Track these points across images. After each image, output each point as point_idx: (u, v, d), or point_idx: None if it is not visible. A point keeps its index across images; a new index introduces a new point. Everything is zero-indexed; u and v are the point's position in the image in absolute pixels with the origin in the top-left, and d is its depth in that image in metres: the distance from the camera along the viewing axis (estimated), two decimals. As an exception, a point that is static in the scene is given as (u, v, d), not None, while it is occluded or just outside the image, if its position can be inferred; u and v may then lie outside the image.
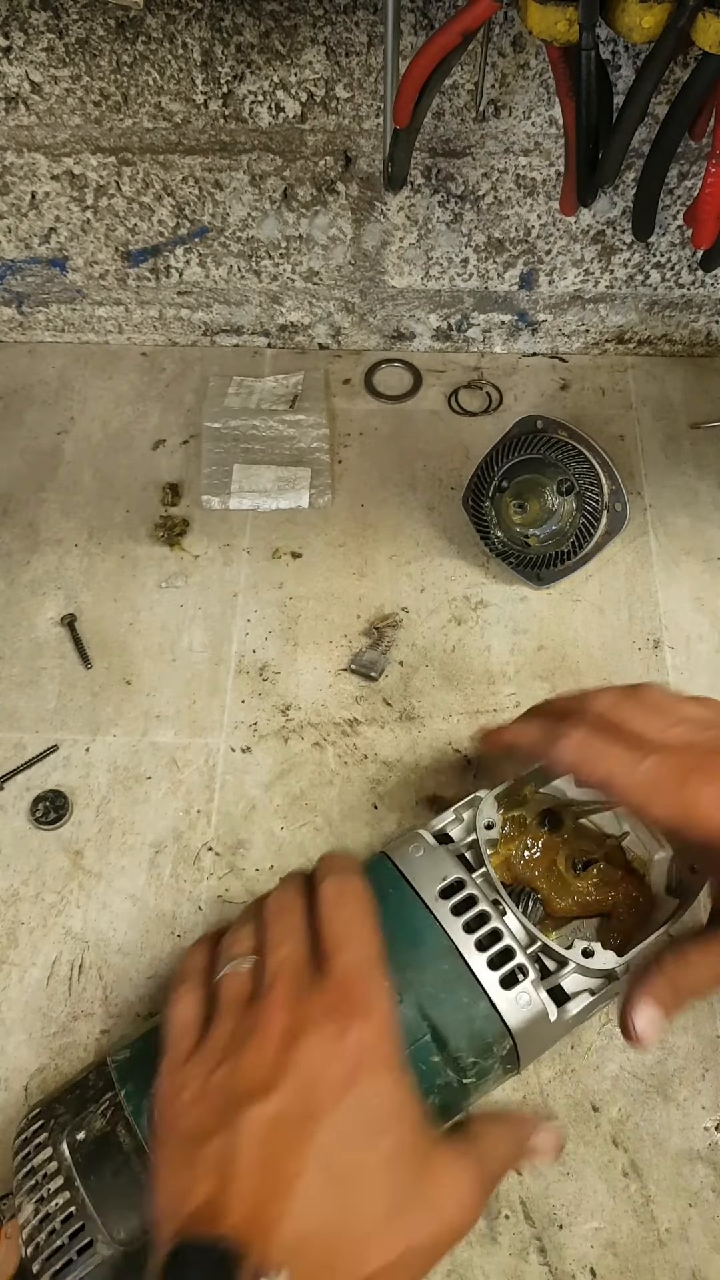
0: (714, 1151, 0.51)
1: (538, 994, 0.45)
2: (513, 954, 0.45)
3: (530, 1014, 0.45)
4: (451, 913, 0.46)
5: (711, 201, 0.52)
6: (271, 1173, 0.35)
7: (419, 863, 0.48)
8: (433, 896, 0.46)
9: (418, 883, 0.47)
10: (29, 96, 0.66)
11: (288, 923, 0.43)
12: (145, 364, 0.83)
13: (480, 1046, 0.44)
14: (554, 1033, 0.46)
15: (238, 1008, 0.41)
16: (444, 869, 0.47)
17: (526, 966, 0.45)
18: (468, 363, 0.82)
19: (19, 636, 0.68)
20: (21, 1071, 0.53)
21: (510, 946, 0.45)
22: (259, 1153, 0.35)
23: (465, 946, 0.45)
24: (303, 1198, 0.34)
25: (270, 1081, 0.37)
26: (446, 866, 0.48)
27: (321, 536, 0.73)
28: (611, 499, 0.66)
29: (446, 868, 0.48)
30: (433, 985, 0.44)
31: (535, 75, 0.63)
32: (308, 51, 0.62)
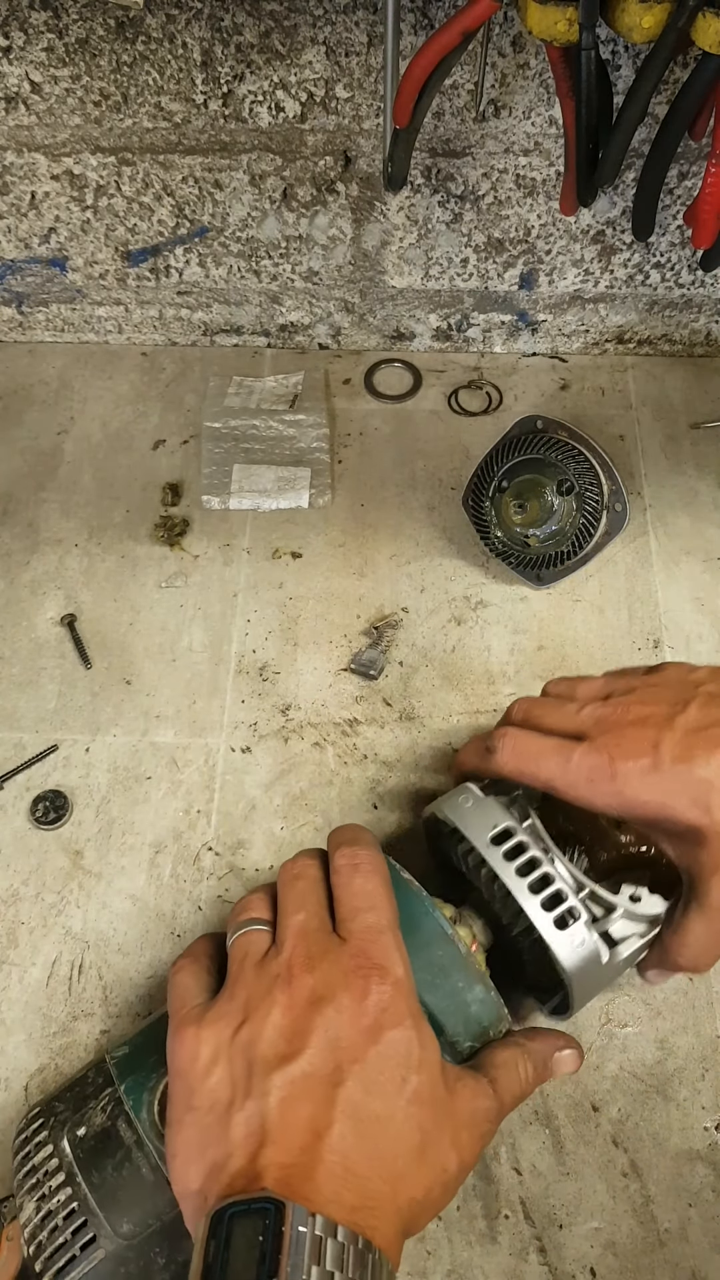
0: (714, 1151, 0.51)
1: (590, 935, 0.45)
2: (564, 897, 0.46)
3: (584, 954, 0.45)
4: (504, 858, 0.46)
5: (711, 201, 0.52)
6: (304, 1132, 0.36)
7: (469, 812, 0.49)
8: (484, 844, 0.47)
9: (469, 831, 0.48)
10: (29, 96, 0.66)
11: (303, 889, 0.44)
12: (145, 364, 0.83)
13: None
14: (605, 975, 0.47)
15: (254, 968, 0.41)
16: (494, 817, 0.48)
17: (579, 909, 0.45)
18: (468, 363, 0.82)
19: (19, 636, 0.68)
20: (21, 1071, 0.53)
21: (562, 890, 0.46)
22: (290, 1115, 0.36)
23: (519, 890, 0.46)
24: (335, 1150, 0.36)
25: (296, 1045, 0.38)
26: (496, 815, 0.48)
27: (321, 536, 0.73)
28: (611, 499, 0.66)
29: (496, 816, 0.48)
30: None
31: (535, 75, 0.63)
32: (308, 51, 0.62)
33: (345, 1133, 0.36)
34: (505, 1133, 0.51)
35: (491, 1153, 0.51)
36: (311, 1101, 0.37)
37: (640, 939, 0.47)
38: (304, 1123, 0.36)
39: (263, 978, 0.41)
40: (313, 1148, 0.36)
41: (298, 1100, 0.37)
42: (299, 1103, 0.37)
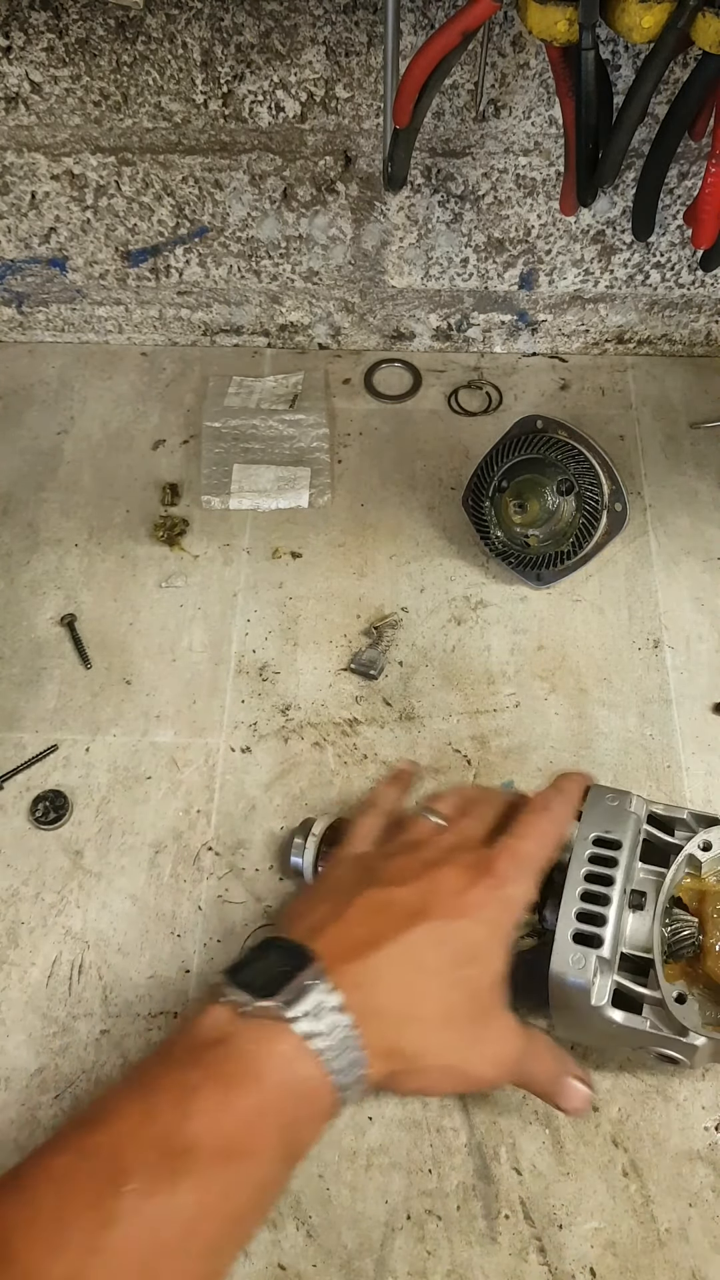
0: (714, 1151, 0.51)
1: (593, 969, 0.45)
2: (602, 922, 0.46)
3: (575, 978, 0.45)
4: (589, 859, 0.47)
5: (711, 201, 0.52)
6: (364, 932, 0.42)
7: (603, 808, 0.49)
8: (585, 836, 0.48)
9: (585, 819, 0.49)
10: (29, 96, 0.66)
11: (483, 812, 0.50)
12: (145, 364, 0.83)
13: None
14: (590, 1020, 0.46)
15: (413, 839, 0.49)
16: (616, 827, 0.48)
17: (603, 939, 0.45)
18: (468, 363, 0.82)
19: (19, 636, 0.68)
20: (21, 1071, 0.53)
21: (604, 915, 0.46)
22: (362, 917, 0.43)
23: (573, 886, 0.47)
24: (375, 960, 0.41)
25: (401, 879, 0.45)
26: (620, 827, 0.48)
27: (321, 536, 0.73)
28: (611, 499, 0.66)
29: (619, 828, 0.48)
30: None
31: (535, 75, 0.63)
32: (308, 51, 0.62)
33: (392, 956, 0.41)
34: (505, 1132, 0.51)
35: (491, 1152, 0.51)
36: (387, 918, 0.43)
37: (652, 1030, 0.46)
38: (368, 928, 0.42)
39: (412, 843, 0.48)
40: (361, 947, 0.41)
41: (379, 911, 0.43)
42: (378, 913, 0.43)
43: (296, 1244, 0.49)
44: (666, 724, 0.64)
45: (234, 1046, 0.38)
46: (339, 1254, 0.49)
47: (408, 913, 0.43)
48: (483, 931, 0.43)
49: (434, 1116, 0.52)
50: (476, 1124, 0.52)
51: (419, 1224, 0.49)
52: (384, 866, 0.46)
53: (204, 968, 0.56)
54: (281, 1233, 0.49)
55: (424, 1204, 0.50)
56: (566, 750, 0.63)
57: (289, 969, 0.40)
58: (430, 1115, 0.52)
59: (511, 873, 0.45)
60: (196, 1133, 0.36)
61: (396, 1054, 0.41)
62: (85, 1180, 0.35)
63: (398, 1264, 0.48)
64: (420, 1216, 0.49)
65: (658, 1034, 0.46)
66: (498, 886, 0.44)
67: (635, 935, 0.48)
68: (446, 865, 0.45)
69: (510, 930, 0.44)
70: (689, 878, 0.50)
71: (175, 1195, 0.35)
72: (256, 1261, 0.48)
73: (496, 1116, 0.52)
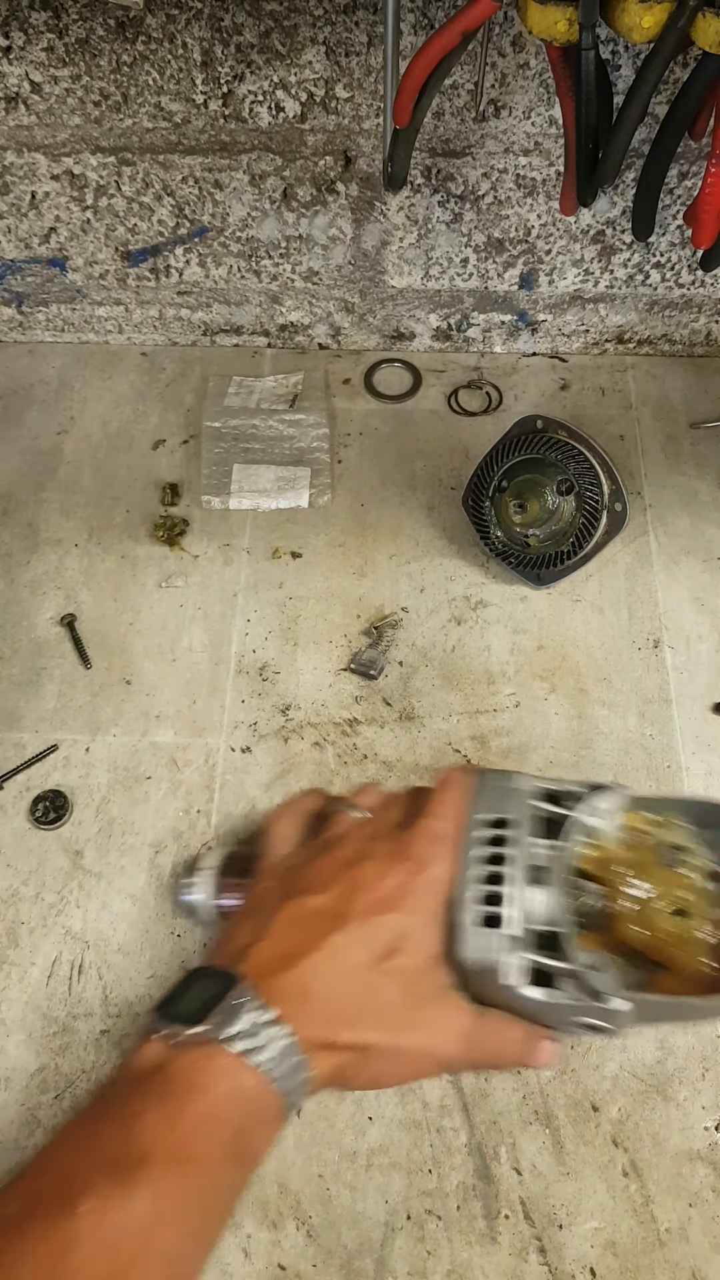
0: (714, 1151, 0.51)
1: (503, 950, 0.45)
2: (502, 901, 0.45)
3: (482, 958, 0.45)
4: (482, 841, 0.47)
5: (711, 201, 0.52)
6: (289, 944, 0.43)
7: (492, 790, 0.49)
8: (476, 820, 0.48)
9: (475, 804, 0.49)
10: (29, 96, 0.66)
11: (407, 801, 0.51)
12: (145, 364, 0.83)
13: None
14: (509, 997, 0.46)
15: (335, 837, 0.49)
16: (507, 807, 0.48)
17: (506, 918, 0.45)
18: (468, 363, 0.82)
19: (19, 636, 0.68)
20: (22, 1071, 0.53)
21: (504, 894, 0.46)
22: (285, 930, 0.44)
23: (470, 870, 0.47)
24: (304, 969, 0.42)
25: (320, 886, 0.45)
26: (509, 807, 0.48)
27: (321, 536, 0.73)
28: (611, 499, 0.66)
29: (508, 808, 0.48)
30: None
31: (535, 75, 0.63)
32: (308, 51, 0.62)
33: (319, 961, 0.42)
34: (505, 1132, 0.51)
35: (491, 1152, 0.51)
36: (309, 928, 0.44)
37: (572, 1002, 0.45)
38: (292, 940, 0.43)
39: (332, 839, 0.49)
40: (288, 958, 0.42)
41: (300, 923, 0.44)
42: (299, 925, 0.44)
43: (296, 1244, 0.49)
44: (666, 724, 0.64)
45: (172, 1070, 0.39)
46: (339, 1254, 0.49)
47: (329, 918, 0.44)
48: (408, 920, 0.44)
49: (434, 1116, 0.52)
50: (476, 1124, 0.52)
51: (419, 1224, 0.49)
52: (303, 873, 0.47)
53: (204, 968, 0.56)
54: (281, 1233, 0.49)
55: (424, 1204, 0.50)
56: (566, 750, 0.63)
57: (216, 994, 0.41)
58: (430, 1115, 0.52)
59: (429, 853, 0.46)
60: (145, 1146, 0.37)
61: (339, 1051, 0.42)
62: (38, 1217, 0.35)
63: (398, 1264, 0.48)
64: (420, 1216, 0.49)
65: (578, 1005, 0.46)
66: (417, 871, 0.45)
67: (541, 911, 0.48)
68: (365, 860, 0.46)
69: (439, 910, 0.45)
70: (589, 846, 0.50)
71: (131, 1205, 0.35)
72: (256, 1262, 0.48)
73: (496, 1116, 0.52)
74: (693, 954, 0.48)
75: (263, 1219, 0.50)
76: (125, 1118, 0.38)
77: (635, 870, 0.49)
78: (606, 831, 0.50)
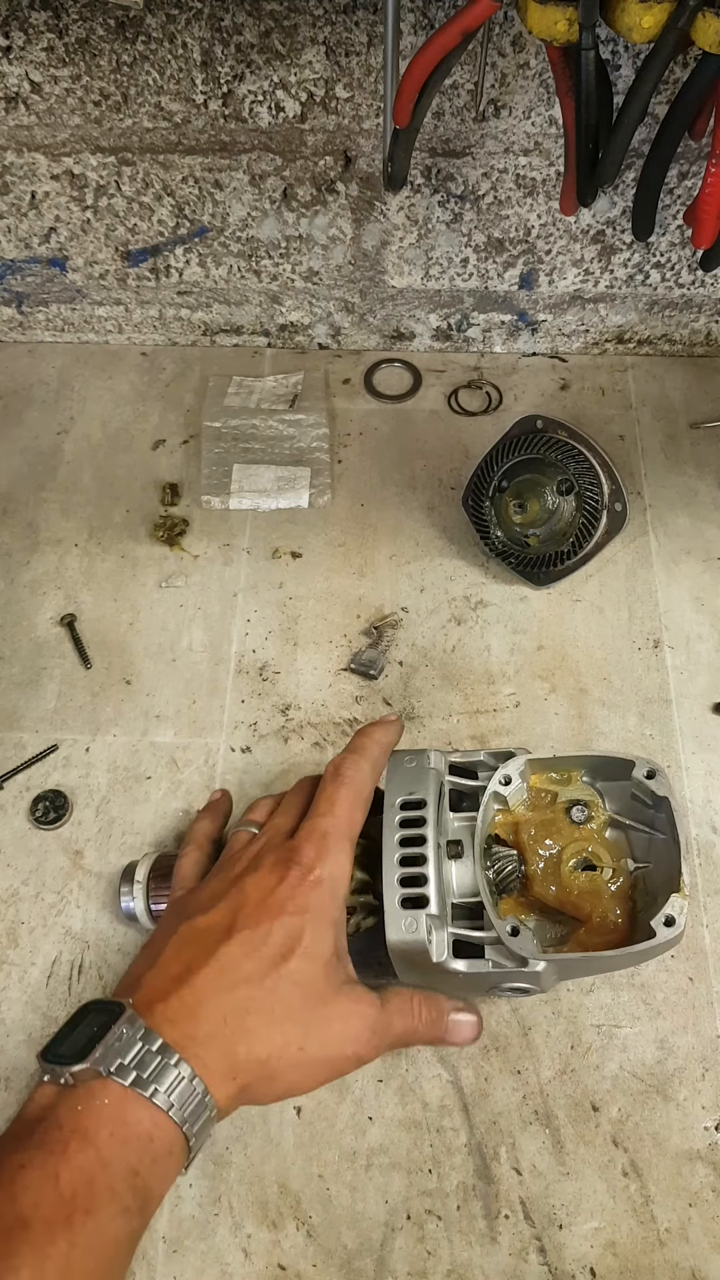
0: (714, 1151, 0.51)
1: (427, 928, 0.46)
2: (423, 882, 0.47)
3: (410, 939, 0.46)
4: (399, 824, 0.48)
5: (711, 201, 0.52)
6: (180, 966, 0.43)
7: (403, 771, 0.50)
8: (392, 803, 0.49)
9: (389, 787, 0.50)
10: (29, 96, 0.66)
11: (291, 804, 0.50)
12: (145, 364, 0.83)
13: None
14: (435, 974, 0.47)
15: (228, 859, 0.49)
16: (418, 786, 0.49)
17: (428, 898, 0.46)
18: (468, 363, 0.82)
19: (19, 636, 0.68)
20: (22, 1071, 0.53)
21: (424, 875, 0.47)
22: (178, 952, 0.44)
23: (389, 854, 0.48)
24: (195, 987, 0.42)
25: (209, 904, 0.45)
26: (421, 786, 0.49)
27: (321, 536, 0.73)
28: (611, 499, 0.66)
29: (420, 787, 0.49)
30: None
31: (535, 75, 0.63)
32: (308, 51, 0.62)
33: (210, 976, 0.42)
34: (505, 1132, 0.51)
35: (491, 1152, 0.51)
36: (198, 946, 0.43)
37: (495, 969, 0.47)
38: (183, 960, 0.43)
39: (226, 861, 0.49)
40: (179, 979, 0.42)
41: (189, 942, 0.44)
42: (189, 944, 0.44)
43: (296, 1244, 0.49)
44: (666, 724, 0.64)
45: (56, 1117, 0.38)
46: (339, 1254, 0.49)
47: (217, 934, 0.44)
48: (297, 922, 0.44)
49: (434, 1116, 0.52)
50: (476, 1124, 0.52)
51: (419, 1224, 0.49)
52: (195, 898, 0.47)
53: (204, 968, 0.56)
54: (281, 1233, 0.49)
55: (424, 1204, 0.50)
56: (566, 750, 0.63)
57: (100, 1028, 0.39)
58: (430, 1115, 0.52)
59: (314, 854, 0.45)
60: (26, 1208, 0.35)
61: (240, 1069, 0.41)
62: None
63: (398, 1264, 0.48)
64: (420, 1216, 0.49)
65: (502, 971, 0.48)
66: (305, 873, 0.45)
67: (462, 883, 0.50)
68: (252, 872, 0.46)
69: (331, 907, 0.45)
70: (500, 814, 0.52)
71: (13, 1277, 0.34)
72: (256, 1262, 0.48)
73: (496, 1116, 0.52)
74: (603, 905, 0.50)
75: (263, 1219, 0.50)
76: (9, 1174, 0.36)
77: (544, 830, 0.52)
78: (516, 796, 0.52)
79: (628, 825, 0.52)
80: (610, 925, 0.50)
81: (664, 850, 0.50)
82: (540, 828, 0.52)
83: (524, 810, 0.53)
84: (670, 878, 0.48)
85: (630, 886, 0.51)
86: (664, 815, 0.50)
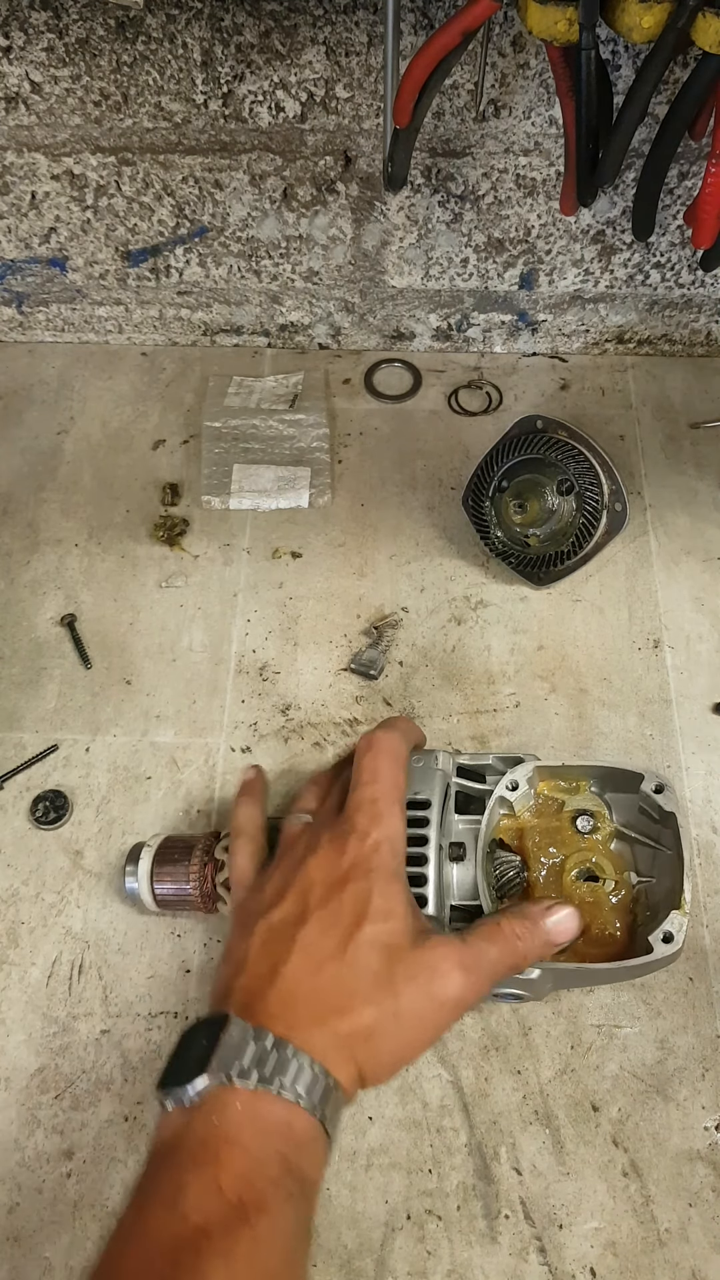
0: (714, 1151, 0.51)
1: None
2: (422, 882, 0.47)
3: None
4: None
5: (711, 201, 0.52)
6: (266, 964, 0.43)
7: (412, 771, 0.50)
8: None
9: None
10: (29, 96, 0.66)
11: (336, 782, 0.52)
12: (145, 364, 0.83)
13: None
14: None
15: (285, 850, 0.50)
16: (423, 787, 0.49)
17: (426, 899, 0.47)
18: (468, 363, 0.82)
19: (19, 636, 0.68)
20: (22, 1071, 0.53)
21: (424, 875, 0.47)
22: (261, 951, 0.44)
23: None
24: (286, 979, 0.42)
25: (277, 898, 0.46)
26: (427, 787, 0.49)
27: (321, 536, 0.73)
28: (611, 499, 0.66)
29: (426, 788, 0.49)
30: None
31: (535, 75, 0.63)
32: (308, 51, 0.62)
33: (297, 966, 0.43)
34: (505, 1132, 0.51)
35: (491, 1152, 0.51)
36: (278, 940, 0.44)
37: None
38: (269, 957, 0.43)
39: (283, 853, 0.49)
40: (269, 976, 0.43)
41: (269, 940, 0.44)
42: (269, 942, 0.44)
43: (296, 1244, 0.49)
44: (666, 724, 0.64)
45: (194, 1134, 0.38)
46: (339, 1254, 0.49)
47: (293, 922, 0.44)
48: (364, 886, 0.44)
49: (434, 1116, 0.52)
50: (476, 1124, 0.52)
51: (419, 1224, 0.49)
52: (262, 896, 0.47)
53: (204, 968, 0.56)
54: (281, 1233, 0.49)
55: (424, 1204, 0.50)
56: (567, 750, 0.63)
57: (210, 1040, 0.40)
58: (430, 1115, 0.52)
59: (367, 820, 0.46)
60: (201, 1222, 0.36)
61: (349, 1044, 0.41)
62: None
63: (398, 1264, 0.48)
64: (420, 1216, 0.49)
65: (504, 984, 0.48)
66: (362, 839, 0.45)
67: (462, 886, 0.50)
68: (312, 854, 0.46)
69: (393, 865, 0.45)
70: (506, 818, 0.52)
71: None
72: (256, 1261, 0.48)
73: (496, 1116, 0.52)
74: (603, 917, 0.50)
75: (263, 1219, 0.49)
76: (169, 1197, 0.37)
77: (549, 838, 0.52)
78: (522, 802, 0.52)
79: (633, 838, 0.52)
80: (609, 937, 0.50)
81: (668, 865, 0.50)
82: (545, 835, 0.52)
83: (530, 816, 0.53)
84: (672, 893, 0.48)
85: (632, 900, 0.51)
86: (670, 830, 0.50)
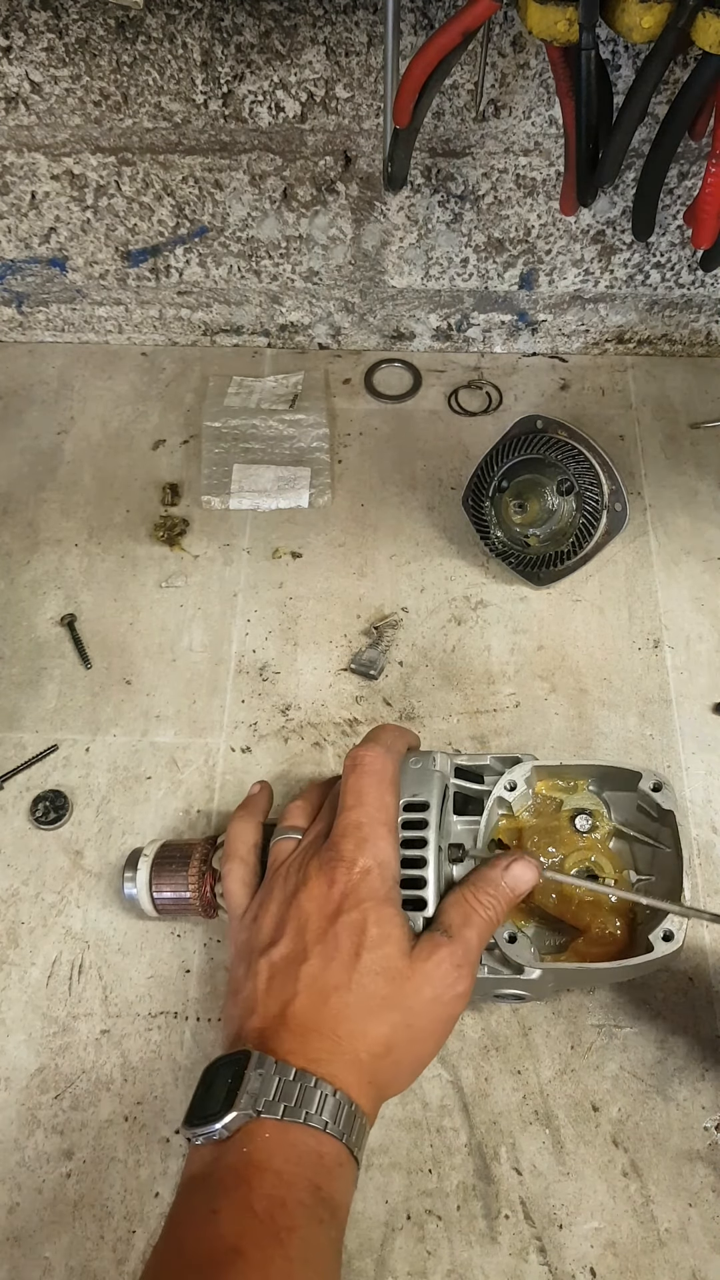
0: (714, 1151, 0.51)
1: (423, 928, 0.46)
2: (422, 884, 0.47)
3: None
4: (400, 825, 0.48)
5: (711, 201, 0.52)
6: (276, 1002, 0.44)
7: (408, 773, 0.50)
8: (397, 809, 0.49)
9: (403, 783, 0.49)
10: (29, 96, 0.66)
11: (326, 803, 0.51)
12: (145, 364, 0.83)
13: None
14: None
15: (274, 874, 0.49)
16: (421, 789, 0.49)
17: (426, 900, 0.47)
18: (468, 363, 0.82)
19: (19, 636, 0.68)
20: (22, 1071, 0.53)
21: (423, 878, 0.47)
22: (268, 990, 0.45)
23: None
24: (297, 1015, 0.43)
25: (278, 934, 0.46)
26: (425, 789, 0.49)
27: (321, 536, 0.73)
28: (611, 499, 0.66)
29: (424, 789, 0.49)
30: None
31: (535, 75, 0.63)
32: (308, 51, 0.62)
33: (306, 1001, 0.43)
34: (505, 1132, 0.51)
35: (491, 1152, 0.51)
36: (282, 979, 0.44)
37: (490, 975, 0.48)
38: (278, 997, 0.44)
39: (273, 880, 0.49)
40: (280, 1016, 0.43)
41: (274, 978, 0.45)
42: (275, 980, 0.45)
43: (296, 1244, 0.49)
44: (666, 724, 0.64)
45: (226, 1163, 0.39)
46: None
47: (295, 959, 0.45)
48: (357, 916, 0.44)
49: (434, 1116, 0.52)
50: (476, 1124, 0.52)
51: (419, 1224, 0.49)
52: (260, 932, 0.47)
53: (204, 967, 0.56)
54: (281, 1233, 0.49)
55: (424, 1204, 0.50)
56: (567, 750, 0.63)
57: (235, 1078, 0.41)
58: (430, 1115, 0.52)
59: (354, 847, 0.46)
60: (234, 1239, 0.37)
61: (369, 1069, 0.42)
62: None
63: (398, 1264, 0.48)
64: (420, 1216, 0.49)
65: (497, 977, 0.48)
66: (350, 867, 0.45)
67: None
68: (303, 886, 0.46)
69: (383, 891, 0.45)
70: (504, 819, 0.52)
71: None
72: (256, 1261, 0.48)
73: (496, 1116, 0.52)
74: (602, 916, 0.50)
75: (263, 1219, 0.49)
76: (202, 1219, 0.38)
77: (548, 838, 0.52)
78: (520, 802, 0.52)
79: (632, 837, 0.52)
80: (609, 936, 0.49)
81: (667, 863, 0.50)
82: (544, 835, 0.52)
83: (528, 816, 0.53)
84: (672, 891, 0.48)
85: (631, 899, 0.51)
86: (669, 829, 0.50)
